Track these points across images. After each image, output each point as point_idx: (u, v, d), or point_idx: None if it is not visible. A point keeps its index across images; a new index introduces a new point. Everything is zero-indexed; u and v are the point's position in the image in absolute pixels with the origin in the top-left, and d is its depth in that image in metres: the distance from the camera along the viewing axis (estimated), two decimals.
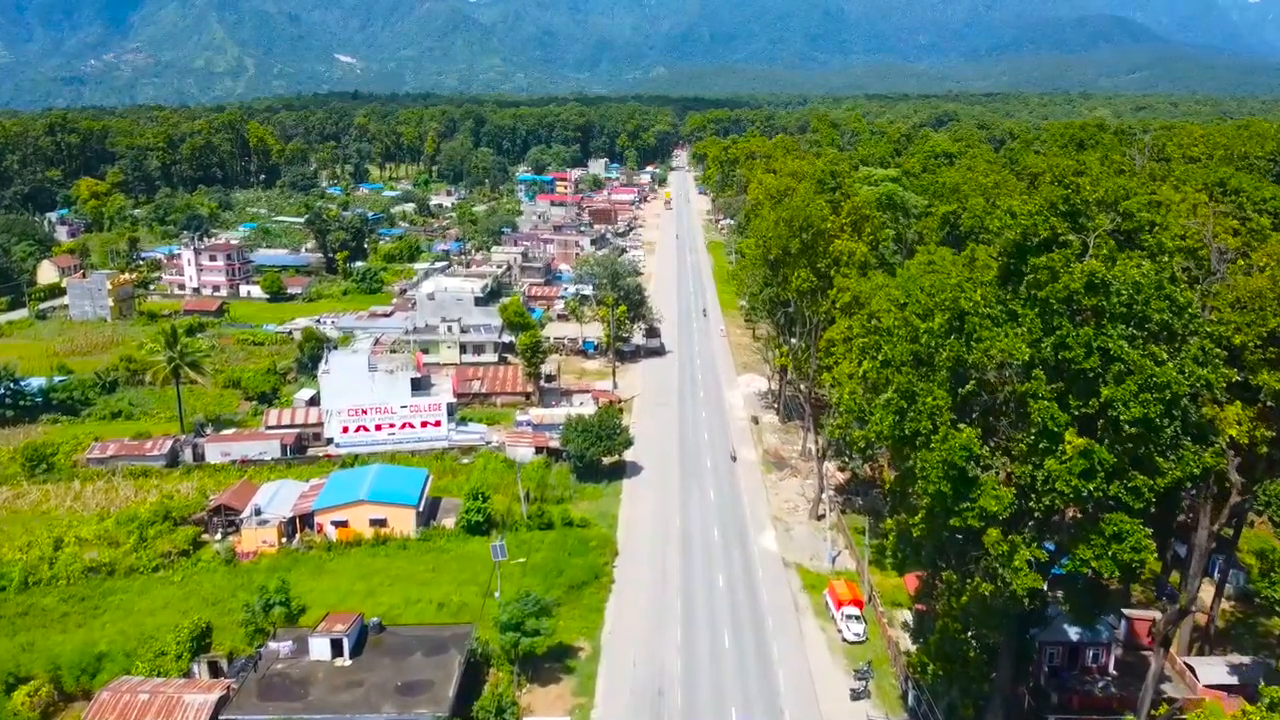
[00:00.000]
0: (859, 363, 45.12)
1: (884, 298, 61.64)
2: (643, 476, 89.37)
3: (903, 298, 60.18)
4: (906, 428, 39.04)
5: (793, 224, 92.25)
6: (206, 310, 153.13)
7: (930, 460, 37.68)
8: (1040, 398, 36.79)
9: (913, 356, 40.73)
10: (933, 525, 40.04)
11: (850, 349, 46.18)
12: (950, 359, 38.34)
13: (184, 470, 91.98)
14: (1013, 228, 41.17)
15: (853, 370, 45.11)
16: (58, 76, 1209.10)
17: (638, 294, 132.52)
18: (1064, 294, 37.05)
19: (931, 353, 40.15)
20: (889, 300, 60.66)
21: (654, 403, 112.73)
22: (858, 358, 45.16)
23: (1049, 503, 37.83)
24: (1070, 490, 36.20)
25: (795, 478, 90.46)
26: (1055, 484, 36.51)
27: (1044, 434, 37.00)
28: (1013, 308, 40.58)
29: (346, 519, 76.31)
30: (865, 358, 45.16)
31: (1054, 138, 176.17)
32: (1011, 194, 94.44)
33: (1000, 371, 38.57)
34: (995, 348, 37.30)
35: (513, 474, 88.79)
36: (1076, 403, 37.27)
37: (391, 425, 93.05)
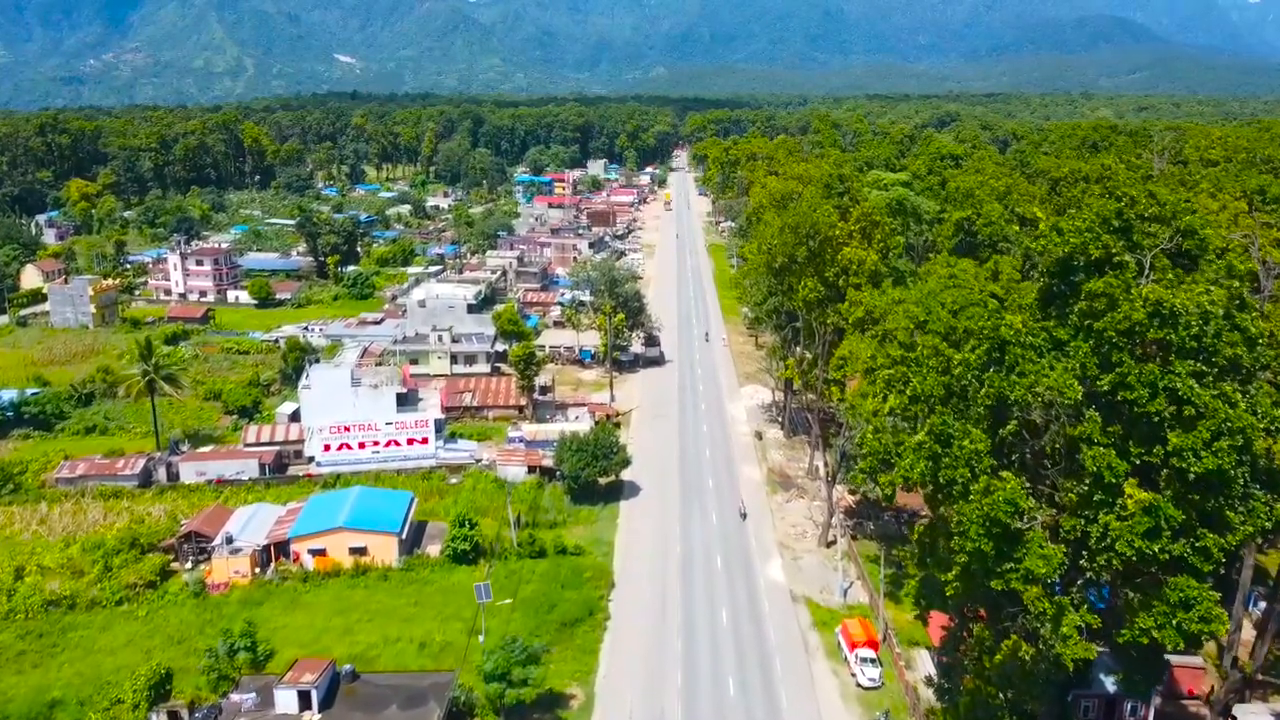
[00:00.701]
0: (884, 397, 40.38)
1: (902, 315, 56.83)
2: (641, 498, 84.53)
3: (922, 315, 55.43)
4: (941, 475, 34.22)
5: (799, 231, 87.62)
6: (191, 317, 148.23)
7: (969, 514, 32.91)
8: (1095, 443, 31.94)
9: (945, 390, 35.82)
10: (969, 584, 35.23)
11: (874, 380, 41.53)
12: (990, 395, 33.47)
13: (157, 491, 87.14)
14: (1060, 245, 36.23)
15: (877, 406, 40.42)
16: (57, 76, 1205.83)
17: (636, 301, 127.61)
18: (1125, 325, 32.22)
19: (966, 387, 35.23)
20: (908, 318, 55.94)
21: (653, 416, 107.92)
22: (882, 391, 40.49)
23: (1105, 562, 32.96)
24: (1133, 552, 31.38)
25: (802, 499, 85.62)
26: (1115, 544, 31.66)
27: (1099, 484, 32.21)
28: (1057, 335, 35.65)
29: (324, 547, 71.49)
30: (892, 391, 40.31)
31: (1066, 140, 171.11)
32: (1031, 200, 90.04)
33: (1047, 410, 33.71)
34: (1042, 384, 32.46)
35: (504, 495, 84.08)
36: (1138, 450, 32.45)
37: (376, 443, 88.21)
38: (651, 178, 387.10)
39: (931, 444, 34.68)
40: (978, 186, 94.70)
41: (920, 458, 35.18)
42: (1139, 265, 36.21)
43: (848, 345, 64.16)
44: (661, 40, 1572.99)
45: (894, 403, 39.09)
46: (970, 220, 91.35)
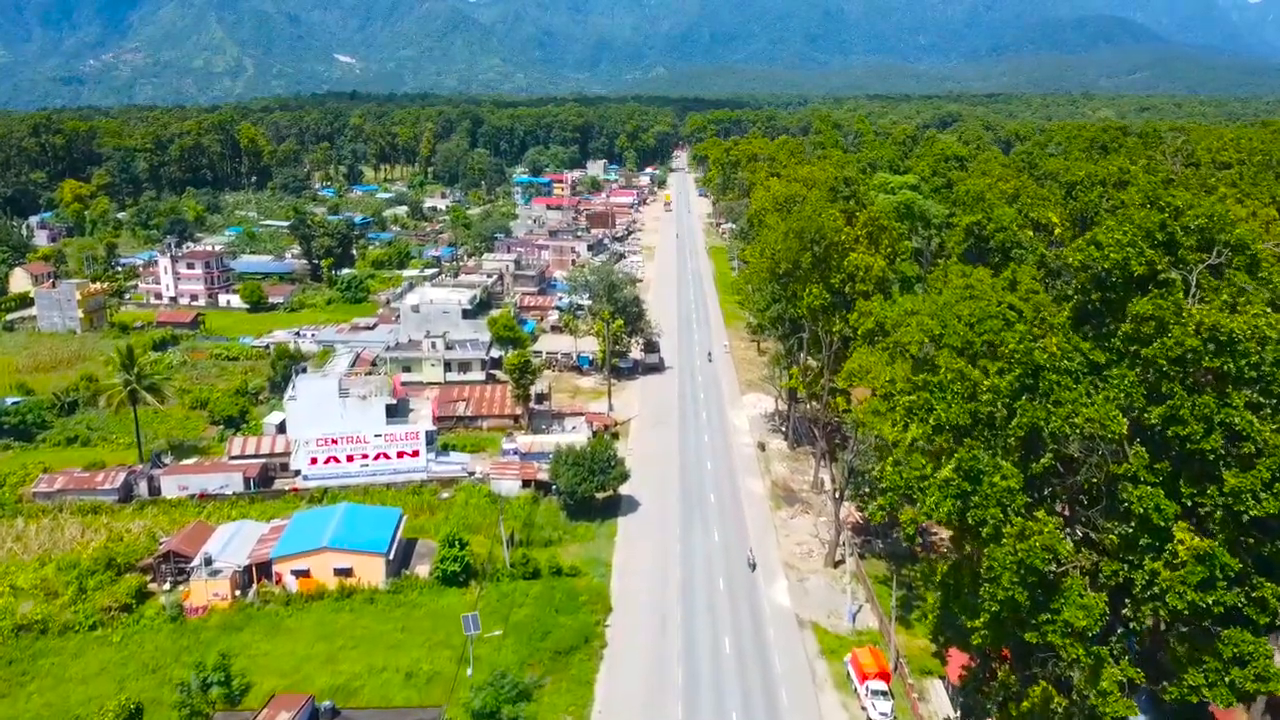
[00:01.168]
0: (904, 425, 37.25)
1: (916, 328, 53.65)
2: (640, 513, 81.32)
3: (937, 328, 52.26)
4: (970, 515, 31.05)
5: (803, 236, 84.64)
6: (180, 322, 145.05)
7: (1001, 559, 29.74)
8: (1142, 482, 28.77)
9: (971, 418, 32.65)
10: (999, 632, 32.03)
11: (894, 406, 38.47)
12: (1023, 426, 30.31)
13: (137, 506, 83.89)
14: (1099, 260, 33.04)
15: (897, 435, 37.36)
16: (56, 76, 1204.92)
17: (635, 306, 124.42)
18: (1177, 352, 29.04)
19: (994, 415, 32.05)
20: (922, 331, 52.75)
21: (652, 425, 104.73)
22: (902, 418, 37.40)
23: (1150, 611, 29.80)
24: (1185, 605, 28.22)
25: (807, 514, 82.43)
26: (1165, 596, 28.49)
27: (1146, 527, 29.12)
28: (1094, 358, 32.47)
29: (308, 568, 68.32)
30: (913, 420, 37.08)
31: (1073, 141, 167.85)
32: (1044, 203, 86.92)
33: (1086, 444, 30.54)
34: (1081, 415, 29.29)
35: (497, 510, 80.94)
36: (1189, 490, 29.29)
37: (365, 456, 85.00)
38: (651, 178, 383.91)
39: (960, 481, 31.55)
40: (988, 189, 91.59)
41: (946, 496, 32.06)
42: (1185, 283, 33.06)
43: (857, 358, 61.01)
44: (661, 40, 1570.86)
45: (916, 432, 35.96)
46: (981, 224, 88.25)
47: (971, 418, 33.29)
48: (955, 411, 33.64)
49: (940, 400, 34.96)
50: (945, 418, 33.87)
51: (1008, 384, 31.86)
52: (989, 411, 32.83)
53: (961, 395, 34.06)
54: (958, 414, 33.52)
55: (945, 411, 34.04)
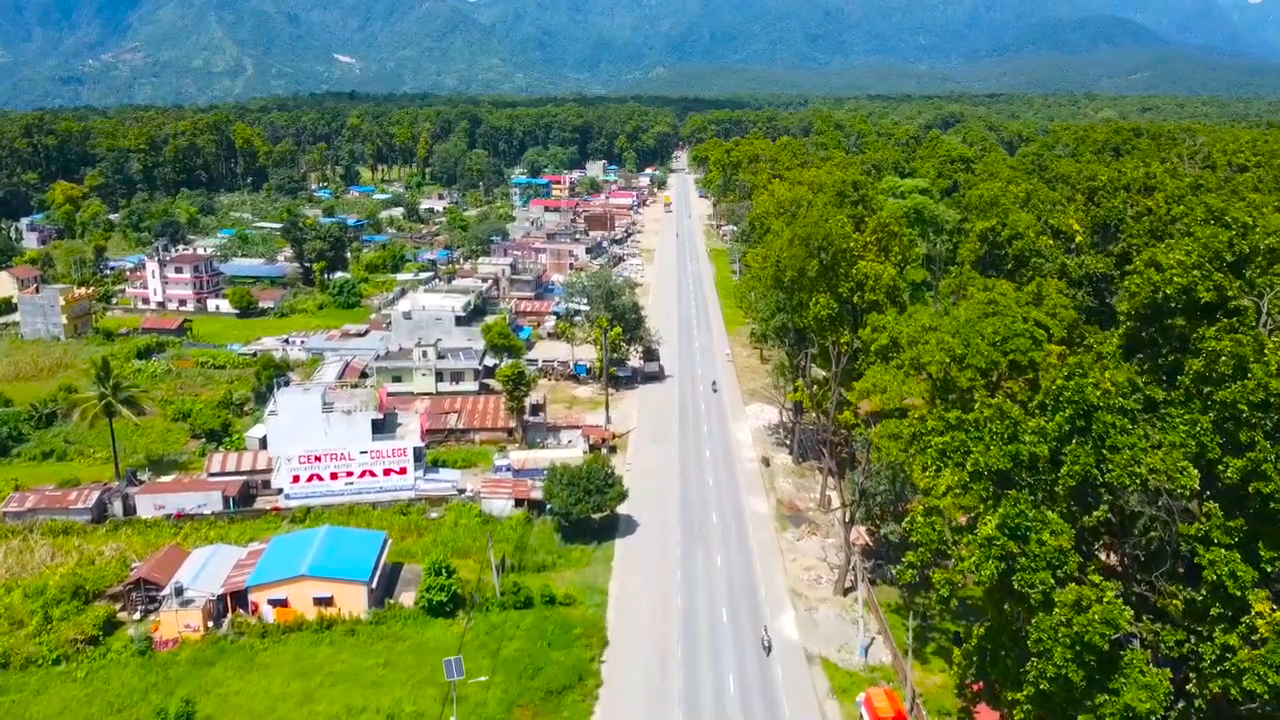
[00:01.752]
0: (936, 470, 33.29)
1: (936, 347, 49.76)
2: (639, 535, 77.37)
3: (959, 347, 48.38)
4: (1016, 580, 27.16)
5: (810, 243, 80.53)
6: (166, 329, 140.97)
7: (1051, 631, 25.80)
8: (1215, 544, 24.87)
9: (1012, 462, 28.73)
10: (1044, 708, 28.10)
11: (924, 447, 34.61)
12: (1075, 475, 26.40)
13: (110, 527, 79.90)
14: (1162, 284, 29.13)
15: (929, 482, 33.40)
16: (56, 76, 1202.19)
17: (634, 313, 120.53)
18: (1259, 396, 25.14)
19: (1038, 456, 28.12)
20: (943, 350, 48.84)
21: (651, 439, 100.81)
22: (934, 462, 33.45)
23: (1220, 689, 25.90)
24: (1265, 689, 24.33)
25: (815, 535, 78.49)
26: (1241, 676, 24.58)
27: (1218, 595, 25.31)
28: (1151, 394, 28.55)
29: (286, 597, 64.39)
30: (947, 464, 33.07)
31: (1086, 143, 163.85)
32: (1059, 207, 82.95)
33: (1148, 497, 26.64)
34: (1144, 465, 25.37)
35: (489, 528, 77.07)
36: (1270, 554, 25.36)
37: (349, 474, 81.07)
38: (651, 179, 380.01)
39: (1004, 540, 27.68)
40: (1002, 194, 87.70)
41: (989, 556, 28.21)
42: (1257, 312, 29.18)
43: (871, 376, 57.07)
44: (661, 40, 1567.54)
45: (950, 479, 32.02)
46: (995, 231, 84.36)
47: (1013, 461, 29.45)
48: (995, 455, 29.76)
49: (977, 442, 31.08)
50: (984, 462, 30.00)
51: (1056, 425, 28.04)
52: (1031, 453, 28.97)
53: (1001, 436, 30.17)
54: (998, 458, 29.65)
55: (983, 455, 30.14)
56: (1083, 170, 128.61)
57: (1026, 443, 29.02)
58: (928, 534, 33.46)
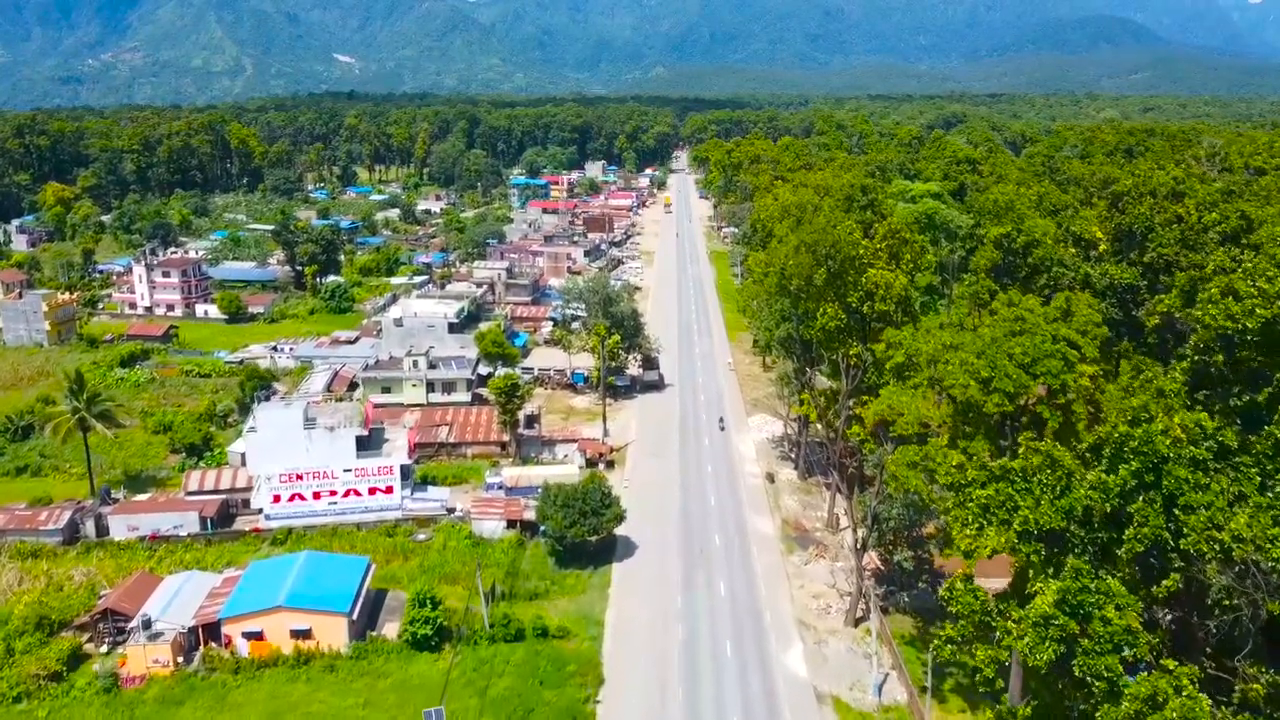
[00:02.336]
0: (978, 528, 29.26)
1: (959, 369, 45.78)
2: (637, 559, 73.33)
3: (985, 369, 44.37)
4: (1077, 665, 23.18)
5: (817, 250, 76.56)
6: (151, 335, 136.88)
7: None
8: None
9: (1065, 518, 24.76)
10: None
11: (963, 500, 30.74)
12: (1144, 539, 22.44)
13: (82, 549, 75.90)
14: (1242, 315, 25.16)
15: (971, 543, 29.37)
16: (55, 76, 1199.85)
17: (633, 320, 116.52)
18: None
19: (1093, 509, 24.15)
20: (967, 373, 44.85)
21: (651, 453, 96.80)
22: (976, 519, 29.48)
23: None
24: None
25: (823, 558, 74.46)
26: None
27: None
28: (1225, 440, 24.57)
29: (261, 629, 60.40)
30: (991, 521, 29.04)
31: (1097, 144, 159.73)
32: (1086, 217, 78.83)
33: (1230, 569, 22.67)
34: (1228, 530, 21.40)
35: (480, 551, 73.12)
36: None
37: (333, 493, 77.07)
38: (651, 180, 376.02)
39: (1064, 620, 23.74)
40: (1017, 198, 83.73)
41: (1046, 638, 24.31)
42: None
43: (887, 397, 53.07)
44: (661, 40, 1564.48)
45: (995, 541, 28.08)
46: (1010, 237, 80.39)
47: (1066, 517, 25.54)
48: (1046, 511, 25.85)
49: (1025, 495, 27.13)
50: (1034, 520, 26.09)
51: (1120, 480, 24.13)
52: (1086, 507, 25.05)
53: (1052, 489, 26.25)
54: (1050, 515, 25.74)
55: (1033, 512, 26.23)
56: (1095, 173, 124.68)
57: (1082, 496, 25.14)
58: (969, 604, 29.40)
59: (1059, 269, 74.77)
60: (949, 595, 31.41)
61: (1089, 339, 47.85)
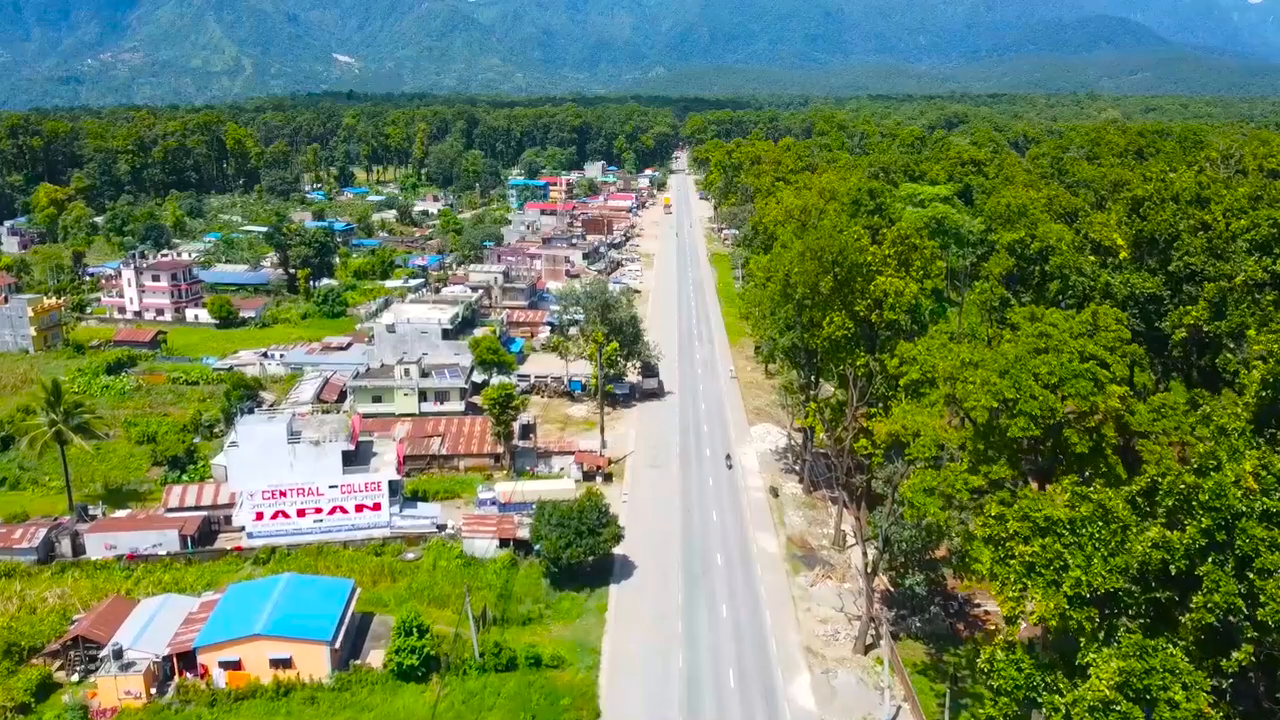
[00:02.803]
0: (1022, 589, 26.11)
1: (981, 388, 42.64)
2: (635, 580, 70.17)
3: (1008, 390, 41.23)
4: None
5: (823, 257, 73.65)
6: (139, 341, 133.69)
7: None
8: None
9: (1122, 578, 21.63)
10: None
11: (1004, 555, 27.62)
12: (1215, 608, 19.35)
13: (57, 569, 72.68)
14: None
15: (1013, 606, 26.31)
16: (54, 76, 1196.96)
17: (632, 326, 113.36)
18: None
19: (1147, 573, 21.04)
20: (989, 394, 41.70)
21: (650, 465, 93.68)
22: (1018, 579, 26.38)
23: None
24: None
25: (830, 579, 71.28)
26: None
27: None
28: None
29: (239, 658, 57.27)
30: (1037, 583, 25.84)
31: (1106, 145, 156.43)
32: (1106, 222, 75.48)
33: None
34: None
35: (471, 572, 70.06)
36: None
37: (318, 510, 73.93)
38: (651, 180, 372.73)
39: (1127, 706, 20.63)
40: (1030, 203, 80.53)
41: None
42: None
43: (900, 415, 49.93)
44: (661, 40, 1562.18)
45: (1043, 606, 24.93)
46: (1024, 243, 77.24)
47: (1122, 576, 22.47)
48: (1099, 571, 22.76)
49: (1076, 552, 24.00)
50: (1086, 581, 22.97)
51: (1189, 539, 21.07)
52: (1142, 563, 21.96)
53: (1105, 545, 23.15)
54: (1104, 576, 22.65)
55: (1085, 572, 23.11)
56: (1106, 175, 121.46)
57: (1141, 554, 22.06)
58: (1012, 679, 26.19)
59: (1077, 278, 71.63)
60: (989, 667, 28.19)
61: (1117, 356, 44.75)
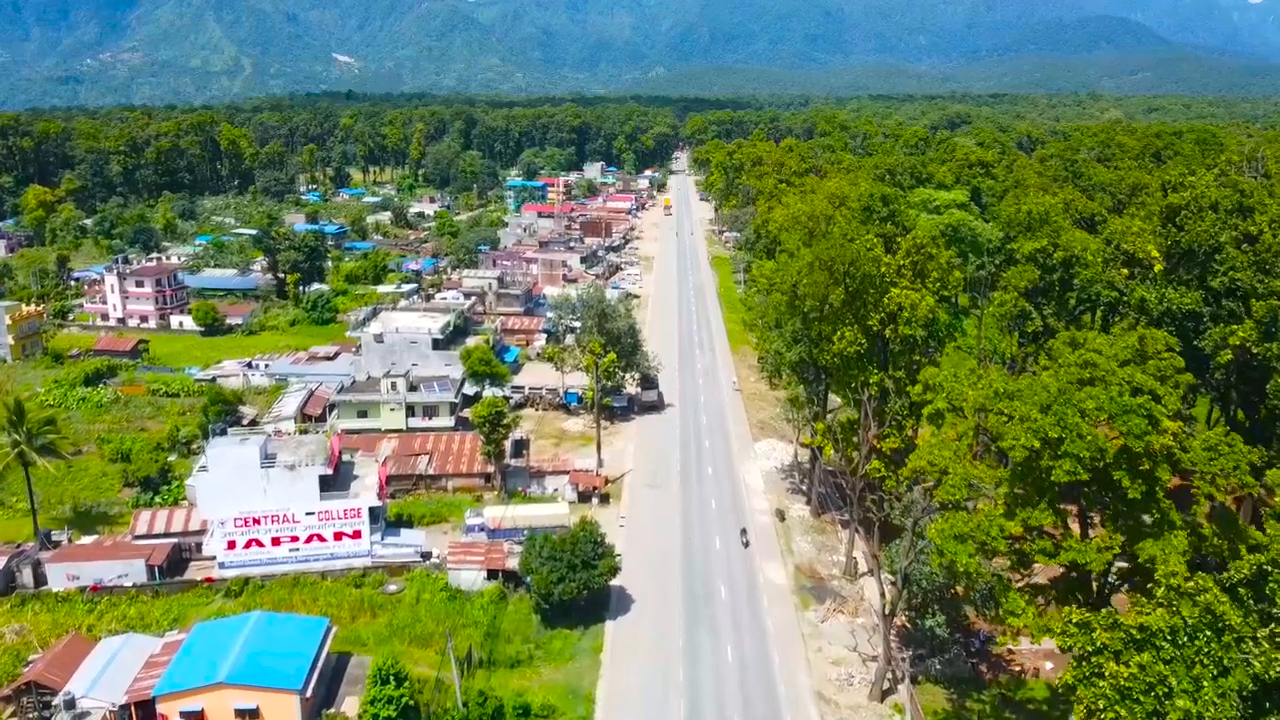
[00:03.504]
0: (1112, 715, 21.48)
1: (1020, 426, 37.96)
2: (633, 616, 65.44)
3: (1051, 426, 36.55)
4: None
5: (834, 268, 68.93)
6: (120, 351, 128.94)
7: None
8: None
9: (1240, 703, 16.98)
10: None
11: (1088, 673, 22.83)
12: None
13: (17, 601, 68.04)
14: None
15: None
16: (53, 76, 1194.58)
17: (630, 337, 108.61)
18: None
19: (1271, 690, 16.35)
20: (1031, 433, 37.02)
21: (649, 483, 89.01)
22: (1107, 702, 21.54)
23: None
24: None
25: (842, 614, 66.58)
26: None
27: None
28: None
29: (202, 708, 52.58)
30: (1134, 712, 20.97)
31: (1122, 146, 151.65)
32: (1142, 234, 70.43)
33: None
34: None
35: (456, 606, 65.43)
36: None
37: (294, 539, 69.21)
38: (650, 181, 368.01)
39: None
40: (1053, 210, 75.76)
41: None
42: None
43: (925, 452, 45.16)
44: (661, 40, 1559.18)
45: None
46: (1046, 252, 72.56)
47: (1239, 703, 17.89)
48: (1209, 698, 18.04)
49: (1180, 671, 19.27)
50: (1197, 713, 18.29)
51: None
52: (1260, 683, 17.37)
53: (1216, 661, 18.47)
54: (1214, 703, 17.92)
55: (1194, 700, 18.41)
56: (1124, 178, 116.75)
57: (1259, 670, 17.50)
58: None
59: (1108, 292, 66.90)
60: None
61: (1169, 386, 40.07)
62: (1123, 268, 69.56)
